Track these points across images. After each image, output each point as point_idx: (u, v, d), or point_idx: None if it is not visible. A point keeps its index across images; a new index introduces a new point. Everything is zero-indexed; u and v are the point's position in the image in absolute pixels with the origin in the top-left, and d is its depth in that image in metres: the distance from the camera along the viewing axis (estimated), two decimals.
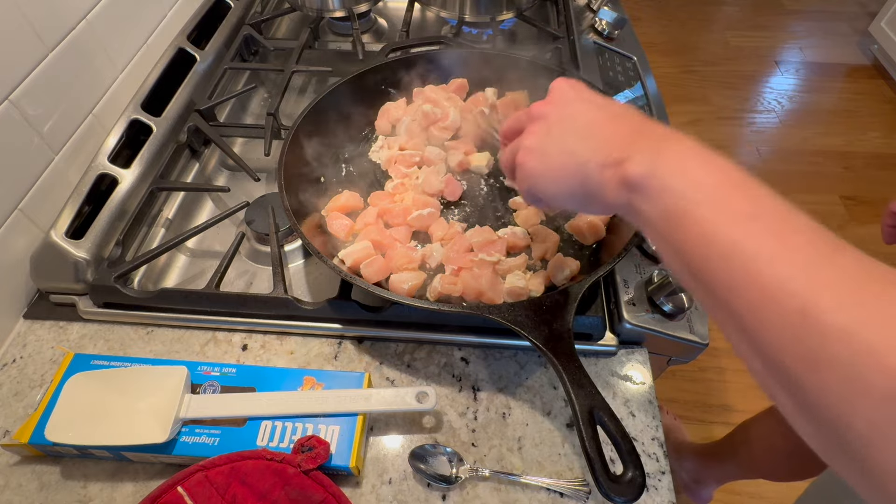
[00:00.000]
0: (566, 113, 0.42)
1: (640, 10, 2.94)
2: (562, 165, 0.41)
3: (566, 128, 0.42)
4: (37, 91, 0.66)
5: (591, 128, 0.40)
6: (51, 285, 0.67)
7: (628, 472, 0.46)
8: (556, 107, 0.43)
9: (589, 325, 0.62)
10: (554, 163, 0.41)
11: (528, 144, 0.43)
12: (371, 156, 0.78)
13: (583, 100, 0.43)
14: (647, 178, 0.34)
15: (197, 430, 0.54)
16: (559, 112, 0.43)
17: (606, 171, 0.37)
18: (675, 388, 1.58)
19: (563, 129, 0.42)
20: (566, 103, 0.43)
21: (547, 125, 0.43)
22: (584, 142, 0.40)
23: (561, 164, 0.41)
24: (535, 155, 0.43)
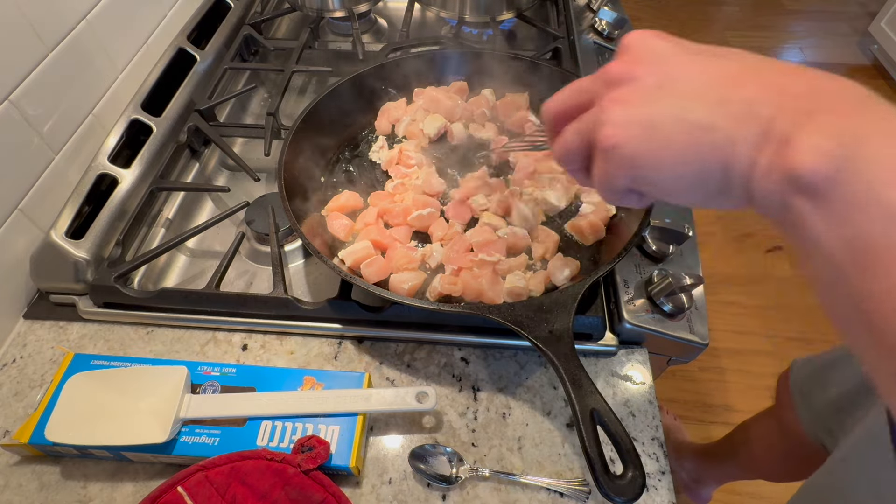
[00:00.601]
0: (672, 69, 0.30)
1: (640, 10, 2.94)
2: (687, 143, 0.28)
3: (681, 90, 0.29)
4: (37, 91, 0.66)
5: (725, 86, 0.28)
6: (51, 285, 0.67)
7: (628, 472, 0.46)
8: (650, 66, 0.30)
9: (589, 325, 0.62)
10: (674, 137, 0.28)
11: (621, 118, 0.30)
12: (371, 156, 0.78)
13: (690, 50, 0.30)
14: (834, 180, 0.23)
15: (197, 430, 0.54)
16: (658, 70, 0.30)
17: (764, 152, 0.26)
18: (675, 388, 1.58)
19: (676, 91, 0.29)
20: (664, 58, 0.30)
21: (644, 89, 0.30)
22: (719, 107, 0.27)
23: (686, 139, 0.28)
24: (639, 129, 0.29)
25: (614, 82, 0.31)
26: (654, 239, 0.67)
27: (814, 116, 0.24)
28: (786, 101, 0.26)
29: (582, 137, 0.33)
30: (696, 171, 0.29)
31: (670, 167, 0.29)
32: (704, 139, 0.28)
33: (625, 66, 0.31)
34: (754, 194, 0.27)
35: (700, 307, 0.64)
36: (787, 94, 0.26)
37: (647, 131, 0.29)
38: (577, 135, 0.33)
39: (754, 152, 0.26)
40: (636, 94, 0.30)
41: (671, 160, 0.29)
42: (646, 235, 0.67)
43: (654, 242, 0.66)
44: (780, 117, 0.25)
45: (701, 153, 0.28)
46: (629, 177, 0.31)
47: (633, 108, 0.30)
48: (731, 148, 0.27)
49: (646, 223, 0.60)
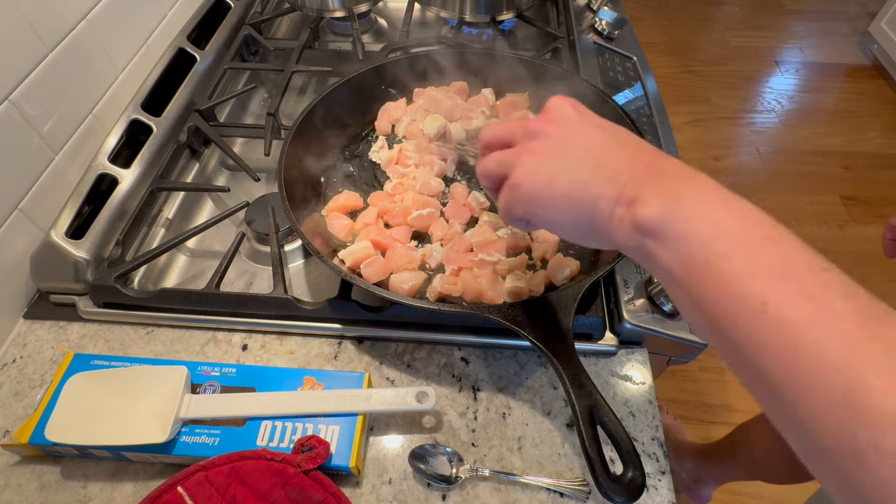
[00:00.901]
0: (573, 135, 0.39)
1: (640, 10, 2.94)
2: (569, 195, 0.37)
3: (573, 153, 0.39)
4: (37, 91, 0.66)
5: (601, 156, 0.38)
6: (51, 285, 0.67)
7: (628, 472, 0.46)
8: (560, 127, 0.40)
9: (589, 325, 0.62)
10: (560, 190, 0.38)
11: (529, 165, 0.40)
12: (371, 156, 0.78)
13: (589, 123, 0.40)
14: (664, 223, 0.32)
15: (197, 430, 0.54)
16: (565, 133, 0.40)
17: (618, 208, 0.35)
18: (675, 388, 1.58)
19: (570, 153, 0.39)
20: (571, 124, 0.40)
21: (550, 146, 0.40)
22: (594, 172, 0.37)
23: (569, 192, 0.37)
24: (539, 178, 0.39)
25: (532, 134, 0.41)
26: None
27: (650, 182, 0.34)
28: (636, 171, 0.36)
29: (500, 168, 0.42)
30: (572, 215, 0.38)
31: (555, 209, 0.39)
32: (580, 194, 0.37)
33: (542, 124, 0.41)
34: (613, 238, 0.36)
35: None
36: (639, 165, 0.36)
37: (545, 180, 0.39)
38: (497, 164, 0.43)
39: (612, 208, 0.36)
40: (545, 148, 0.40)
41: (556, 204, 0.38)
42: None
43: None
44: (630, 183, 0.35)
45: (576, 203, 0.37)
46: (524, 209, 0.41)
47: (540, 158, 0.40)
48: (597, 203, 0.36)
49: None
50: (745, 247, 0.29)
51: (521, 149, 0.41)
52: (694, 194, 0.32)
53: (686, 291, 0.31)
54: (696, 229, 0.31)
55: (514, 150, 0.42)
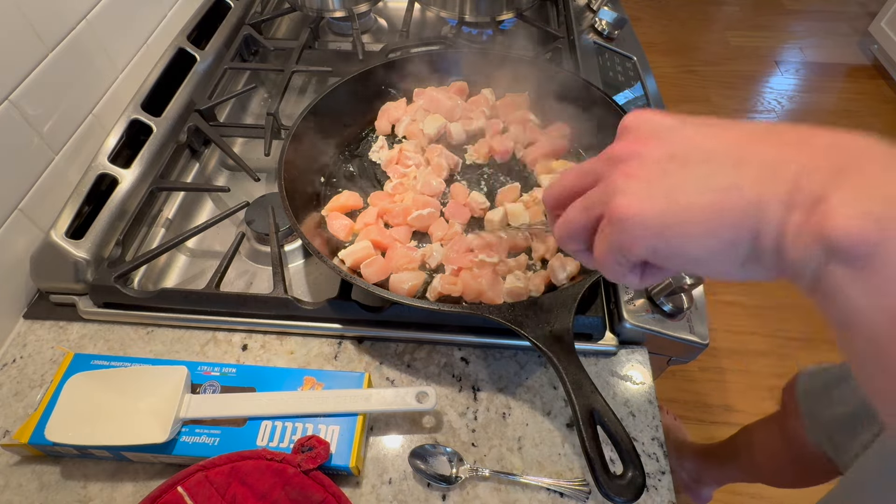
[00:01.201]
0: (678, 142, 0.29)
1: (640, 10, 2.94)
2: (712, 205, 0.26)
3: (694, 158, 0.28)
4: (37, 91, 0.66)
5: (738, 150, 0.27)
6: (51, 285, 0.67)
7: (628, 472, 0.46)
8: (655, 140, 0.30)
9: (589, 325, 0.62)
10: (696, 202, 0.27)
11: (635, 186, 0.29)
12: (371, 156, 0.78)
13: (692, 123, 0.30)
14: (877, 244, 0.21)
15: (197, 430, 0.54)
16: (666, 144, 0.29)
17: (794, 213, 0.24)
18: (675, 388, 1.58)
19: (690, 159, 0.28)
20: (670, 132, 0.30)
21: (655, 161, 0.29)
22: (739, 169, 0.26)
23: (710, 203, 0.26)
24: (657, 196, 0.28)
25: (620, 160, 0.30)
26: None
27: (845, 174, 0.23)
28: (810, 157, 0.24)
29: (588, 213, 0.32)
30: (722, 236, 0.26)
31: (695, 234, 0.27)
32: (729, 202, 0.26)
33: (629, 146, 0.30)
34: (786, 259, 0.25)
35: (700, 307, 0.64)
36: (809, 148, 0.25)
37: (665, 198, 0.28)
38: (582, 211, 0.32)
39: (784, 213, 0.24)
40: (647, 166, 0.29)
41: (695, 226, 0.27)
42: None
43: None
44: (806, 175, 0.24)
45: (726, 217, 0.26)
46: (649, 247, 0.29)
47: (647, 178, 0.29)
48: (759, 209, 0.25)
49: None
50: None
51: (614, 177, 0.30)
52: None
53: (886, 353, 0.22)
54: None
55: (601, 185, 0.31)
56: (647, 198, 0.28)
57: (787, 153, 0.25)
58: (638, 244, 0.29)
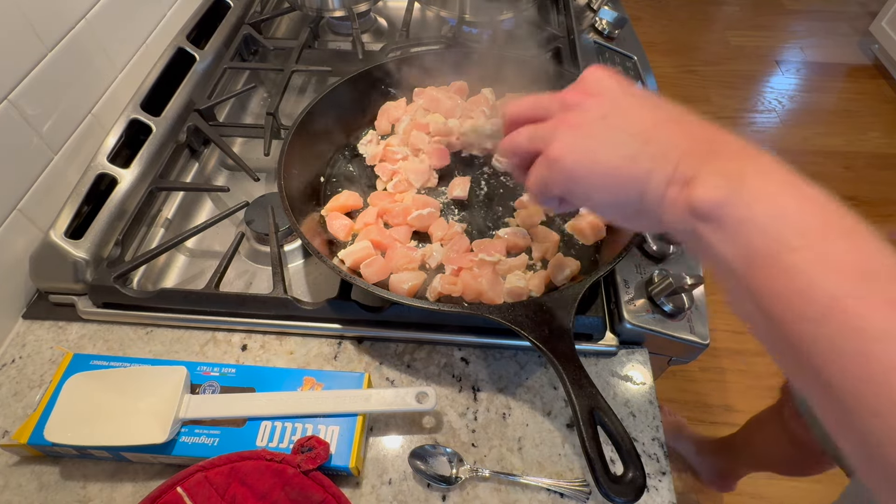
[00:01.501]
0: (616, 107, 0.36)
1: (640, 9, 2.94)
2: (615, 171, 0.34)
3: (619, 126, 0.35)
4: (36, 91, 0.66)
5: (651, 129, 0.34)
6: (50, 285, 0.67)
7: (628, 472, 0.45)
8: (601, 99, 0.36)
9: (589, 325, 0.62)
10: (605, 166, 0.34)
11: (569, 139, 0.36)
12: (359, 147, 0.78)
13: (632, 94, 0.37)
14: (723, 207, 0.29)
15: (196, 430, 0.54)
16: (606, 105, 0.36)
17: (671, 188, 0.32)
18: (675, 388, 1.58)
19: (615, 126, 0.35)
20: (612, 96, 0.36)
21: (591, 118, 0.36)
22: (644, 146, 0.33)
23: (614, 168, 0.34)
24: (580, 153, 0.35)
25: (569, 107, 0.38)
26: (655, 239, 0.66)
27: (708, 160, 0.31)
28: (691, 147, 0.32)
29: (532, 143, 0.39)
30: (618, 193, 0.35)
31: (598, 187, 0.35)
32: (628, 170, 0.34)
33: (579, 96, 0.37)
34: (664, 220, 0.33)
35: (700, 307, 0.63)
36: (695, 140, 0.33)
37: (586, 154, 0.35)
38: (528, 139, 0.39)
39: (664, 187, 0.32)
40: (585, 120, 0.36)
41: (600, 181, 0.35)
42: (646, 235, 0.67)
43: (654, 242, 0.66)
44: (684, 161, 0.32)
45: (624, 180, 0.34)
46: (564, 186, 0.37)
47: (580, 132, 0.36)
48: (647, 180, 0.33)
49: None
50: (816, 238, 0.26)
51: (558, 121, 0.37)
52: (757, 175, 0.29)
53: (743, 284, 0.29)
54: (759, 215, 0.28)
55: (549, 124, 0.38)
56: (573, 149, 0.36)
57: (680, 140, 0.33)
58: (556, 184, 0.37)
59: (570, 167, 0.36)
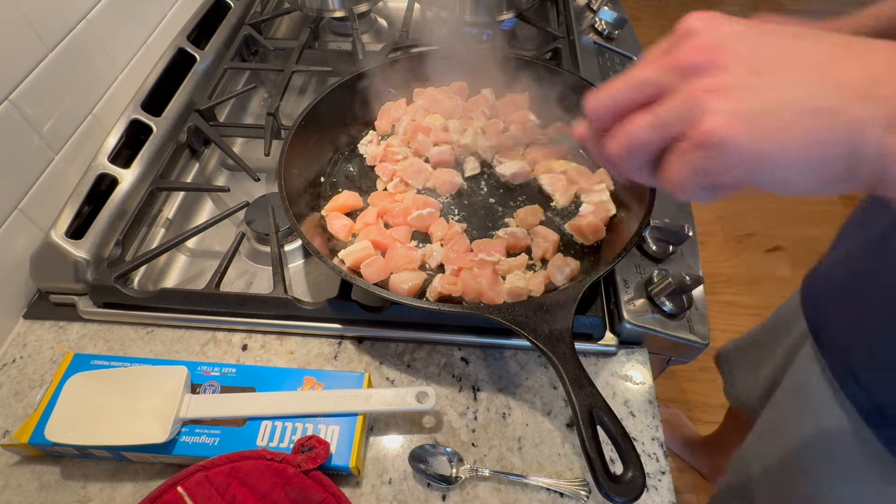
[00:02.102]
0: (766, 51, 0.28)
1: (640, 10, 2.94)
2: (811, 129, 0.26)
3: (785, 73, 0.27)
4: (37, 91, 0.66)
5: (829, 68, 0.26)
6: (51, 285, 0.67)
7: (628, 472, 0.45)
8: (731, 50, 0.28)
9: (589, 325, 0.62)
10: (795, 126, 0.26)
11: (727, 107, 0.27)
12: (359, 147, 0.78)
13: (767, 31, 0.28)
14: None
15: (197, 430, 0.54)
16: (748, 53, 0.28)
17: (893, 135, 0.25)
18: (675, 388, 1.58)
19: (781, 75, 0.27)
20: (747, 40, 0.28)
21: (739, 77, 0.27)
22: (836, 91, 0.26)
23: (809, 126, 0.26)
24: (753, 119, 0.27)
25: (695, 71, 0.28)
26: (654, 239, 0.67)
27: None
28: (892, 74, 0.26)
29: (661, 132, 0.30)
30: (819, 159, 0.27)
31: (794, 158, 0.27)
32: (827, 126, 0.26)
33: (701, 54, 0.28)
34: (889, 177, 0.26)
35: (700, 307, 0.64)
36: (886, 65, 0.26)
37: (762, 121, 0.27)
38: (652, 129, 0.30)
39: (884, 135, 0.25)
40: (734, 82, 0.27)
41: (796, 150, 0.27)
42: (646, 235, 0.67)
43: (654, 242, 0.66)
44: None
45: (825, 140, 0.26)
46: (741, 170, 0.28)
47: (735, 96, 0.27)
48: (859, 133, 0.26)
49: (646, 223, 0.60)
50: None
51: (694, 93, 0.28)
52: None
53: None
54: None
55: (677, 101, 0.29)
56: (739, 120, 0.27)
57: (880, 73, 0.26)
58: (731, 172, 0.28)
59: (749, 144, 0.27)
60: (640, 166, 0.32)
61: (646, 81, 0.30)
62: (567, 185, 0.71)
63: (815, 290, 0.71)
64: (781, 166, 0.27)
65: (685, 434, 1.43)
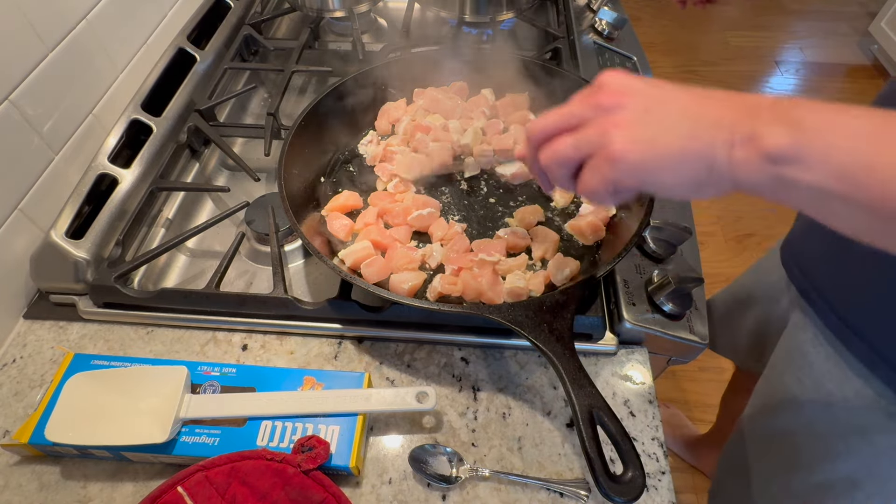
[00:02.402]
0: (652, 100, 0.39)
1: (640, 10, 2.94)
2: (680, 152, 0.37)
3: (664, 114, 0.38)
4: (37, 91, 0.66)
5: (694, 109, 0.38)
6: (51, 285, 0.67)
7: (628, 472, 0.46)
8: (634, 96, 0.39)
9: (589, 325, 0.62)
10: (668, 150, 0.37)
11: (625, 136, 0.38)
12: (359, 147, 0.78)
13: (656, 85, 0.40)
14: (800, 146, 0.33)
15: (197, 430, 0.54)
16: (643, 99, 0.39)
17: (736, 150, 0.35)
18: (675, 388, 1.58)
19: (661, 115, 0.38)
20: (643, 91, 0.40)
21: (635, 114, 0.39)
22: (696, 124, 0.37)
23: (678, 150, 0.37)
24: (641, 145, 0.38)
25: (606, 109, 0.40)
26: (654, 239, 0.67)
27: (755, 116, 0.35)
28: (737, 112, 0.36)
29: (579, 151, 0.41)
30: (687, 172, 0.38)
31: (668, 171, 0.38)
32: (691, 146, 0.37)
33: (612, 97, 0.40)
34: (738, 179, 0.36)
35: (700, 307, 0.64)
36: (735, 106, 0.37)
37: (649, 145, 0.38)
38: (573, 148, 0.41)
39: (729, 151, 0.36)
40: (631, 117, 0.39)
41: (669, 166, 0.38)
42: (646, 235, 0.67)
43: (654, 242, 0.66)
44: (738, 124, 0.36)
45: (689, 158, 0.37)
46: (634, 180, 0.39)
47: (633, 128, 0.38)
48: (712, 151, 0.36)
49: (646, 223, 0.60)
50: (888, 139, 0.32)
51: (604, 124, 0.39)
52: (809, 114, 0.34)
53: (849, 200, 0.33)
54: (835, 141, 0.32)
55: (592, 129, 0.40)
56: (635, 144, 0.38)
57: (723, 112, 0.37)
58: (630, 179, 0.39)
59: (639, 160, 0.38)
60: (564, 175, 0.43)
61: (571, 114, 0.42)
62: None
63: (797, 253, 0.73)
64: (661, 173, 0.38)
65: (685, 434, 1.43)
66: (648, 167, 0.38)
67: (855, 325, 0.62)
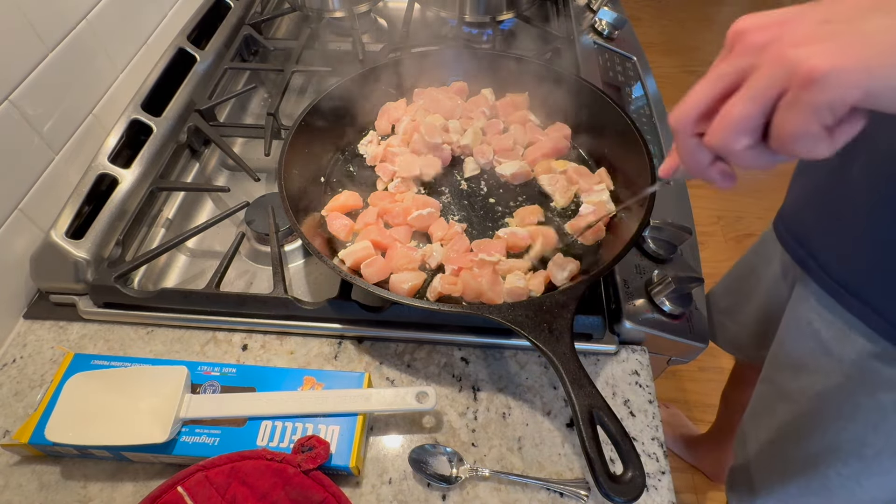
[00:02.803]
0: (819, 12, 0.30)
1: (640, 10, 2.94)
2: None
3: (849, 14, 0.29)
4: (37, 91, 0.66)
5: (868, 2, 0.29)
6: (51, 285, 0.67)
7: (628, 472, 0.46)
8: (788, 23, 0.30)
9: (589, 325, 0.62)
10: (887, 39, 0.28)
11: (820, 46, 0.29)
12: (359, 147, 0.78)
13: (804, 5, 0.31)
14: None
15: (197, 430, 0.54)
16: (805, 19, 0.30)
17: None
18: (675, 388, 1.58)
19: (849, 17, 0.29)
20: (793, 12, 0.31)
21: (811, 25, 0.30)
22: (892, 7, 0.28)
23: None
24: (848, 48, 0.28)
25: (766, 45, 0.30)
26: (654, 239, 0.67)
27: None
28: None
29: (760, 100, 0.31)
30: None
31: None
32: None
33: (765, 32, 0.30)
34: None
35: (700, 307, 0.64)
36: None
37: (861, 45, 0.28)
38: (750, 101, 0.31)
39: None
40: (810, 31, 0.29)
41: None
42: (646, 235, 0.67)
43: (654, 242, 0.67)
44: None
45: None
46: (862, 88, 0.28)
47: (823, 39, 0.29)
48: None
49: (646, 223, 0.60)
50: None
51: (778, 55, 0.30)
52: None
53: None
54: None
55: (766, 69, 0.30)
56: (839, 52, 0.28)
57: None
58: (850, 91, 0.28)
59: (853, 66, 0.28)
60: (749, 144, 0.32)
61: (722, 74, 0.32)
62: (567, 185, 0.71)
63: (792, 224, 0.72)
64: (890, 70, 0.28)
65: (685, 434, 1.43)
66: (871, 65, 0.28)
67: (850, 285, 0.61)
